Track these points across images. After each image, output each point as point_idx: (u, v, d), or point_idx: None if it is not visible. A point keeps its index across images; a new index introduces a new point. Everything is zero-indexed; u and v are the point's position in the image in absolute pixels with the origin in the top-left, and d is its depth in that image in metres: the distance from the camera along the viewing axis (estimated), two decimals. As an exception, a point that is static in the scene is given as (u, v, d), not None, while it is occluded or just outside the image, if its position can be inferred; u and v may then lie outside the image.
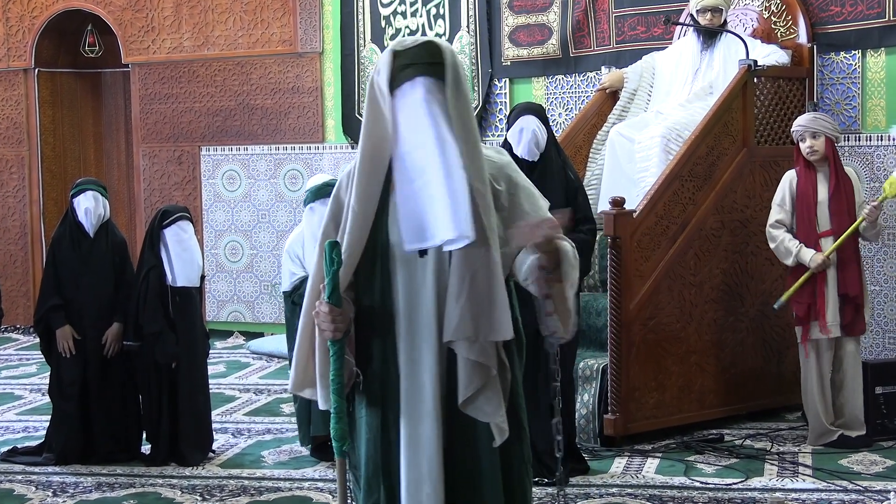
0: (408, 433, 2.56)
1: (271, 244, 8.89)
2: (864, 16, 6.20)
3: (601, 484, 4.88)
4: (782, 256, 5.37)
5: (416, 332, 2.56)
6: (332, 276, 2.51)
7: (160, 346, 5.25)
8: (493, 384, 2.53)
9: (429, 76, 2.49)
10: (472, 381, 2.52)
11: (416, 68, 2.49)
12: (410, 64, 2.50)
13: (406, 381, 2.57)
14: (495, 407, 2.53)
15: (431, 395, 2.54)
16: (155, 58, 9.08)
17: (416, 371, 2.56)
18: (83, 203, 5.40)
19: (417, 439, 2.55)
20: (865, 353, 6.19)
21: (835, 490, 4.73)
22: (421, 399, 2.56)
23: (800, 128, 5.37)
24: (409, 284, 2.57)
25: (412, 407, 2.56)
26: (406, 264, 2.57)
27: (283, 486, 4.98)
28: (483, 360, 2.51)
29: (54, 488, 5.01)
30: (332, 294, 2.52)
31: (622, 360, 5.43)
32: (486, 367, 2.52)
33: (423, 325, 2.55)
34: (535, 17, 7.66)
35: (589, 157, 6.58)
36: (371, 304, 2.60)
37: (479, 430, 2.56)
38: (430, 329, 2.54)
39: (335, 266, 2.51)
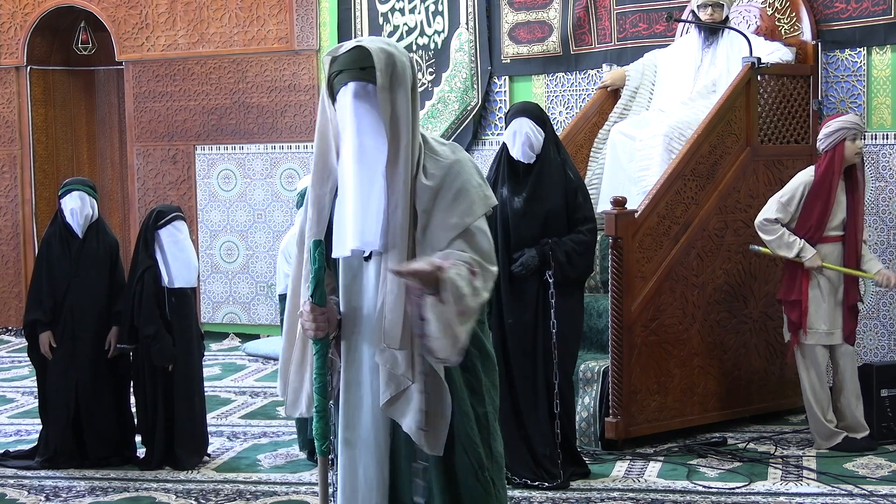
0: (344, 437, 2.60)
1: (267, 245, 8.83)
2: (870, 12, 6.15)
3: (602, 488, 4.82)
4: (780, 249, 5.30)
5: (357, 336, 2.59)
6: (315, 274, 2.53)
7: (156, 349, 5.19)
8: (410, 394, 2.53)
9: (359, 80, 2.51)
10: (387, 387, 2.54)
11: (347, 74, 2.52)
12: (342, 70, 2.53)
13: (345, 385, 2.60)
14: (412, 416, 2.53)
15: (370, 399, 2.57)
16: (149, 55, 9.01)
17: (355, 374, 2.60)
18: (69, 203, 5.37)
19: (354, 443, 2.59)
20: (870, 356, 6.15)
21: (840, 494, 4.69)
22: (359, 403, 2.59)
23: (857, 126, 5.27)
24: (351, 288, 2.60)
25: (349, 410, 2.60)
26: (348, 270, 2.60)
27: (280, 490, 4.93)
28: (390, 367, 2.53)
29: (47, 492, 4.95)
30: (315, 292, 2.53)
31: (624, 363, 5.38)
32: (398, 376, 2.53)
33: (362, 329, 2.58)
34: (536, 14, 7.60)
35: (590, 156, 6.55)
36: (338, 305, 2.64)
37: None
38: (370, 333, 2.57)
39: (317, 265, 2.52)
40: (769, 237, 5.32)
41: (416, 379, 2.52)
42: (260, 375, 7.65)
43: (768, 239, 5.33)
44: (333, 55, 2.56)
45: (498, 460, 2.67)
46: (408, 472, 2.58)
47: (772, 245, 5.33)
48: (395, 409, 2.54)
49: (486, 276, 2.53)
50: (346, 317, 2.60)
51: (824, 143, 5.29)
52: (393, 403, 2.54)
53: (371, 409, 2.57)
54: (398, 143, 2.50)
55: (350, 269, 2.60)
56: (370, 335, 2.56)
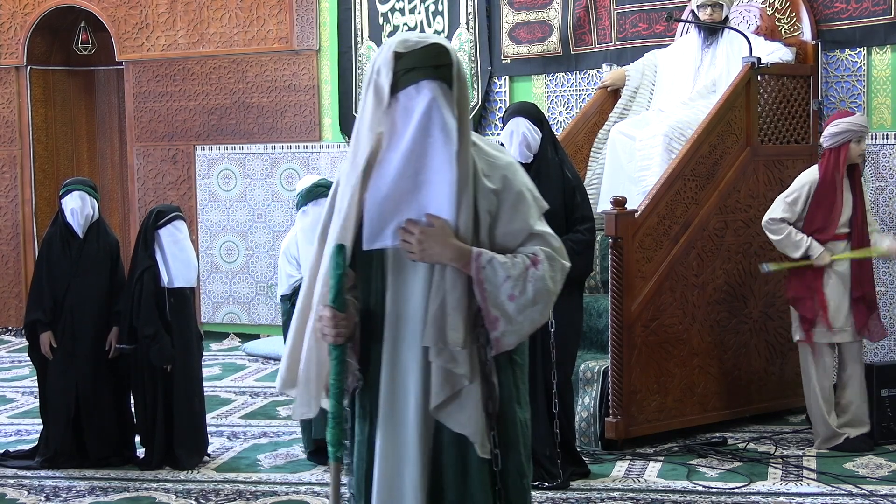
0: (387, 439, 2.52)
1: (267, 245, 8.82)
2: (870, 12, 6.15)
3: (602, 488, 4.82)
4: (787, 248, 5.28)
5: (402, 337, 2.52)
6: (338, 280, 2.47)
7: (156, 349, 5.19)
8: (468, 394, 2.48)
9: (434, 80, 2.42)
10: (442, 388, 2.47)
11: (422, 72, 2.42)
12: (415, 67, 2.43)
13: (387, 386, 2.53)
14: (468, 417, 2.48)
15: (415, 401, 2.50)
16: (149, 55, 9.01)
17: (400, 376, 2.52)
18: (69, 203, 5.36)
19: (398, 445, 2.51)
20: (870, 356, 6.15)
21: (840, 494, 4.68)
22: (404, 405, 2.51)
23: (863, 129, 5.27)
24: (399, 287, 2.53)
25: (392, 413, 2.52)
26: (398, 267, 2.53)
27: (280, 490, 4.92)
28: (451, 366, 2.46)
29: (47, 492, 4.95)
30: (337, 298, 2.47)
31: (624, 363, 5.38)
32: (455, 375, 2.47)
33: (409, 329, 2.51)
34: (536, 14, 7.60)
35: (590, 156, 6.54)
36: (367, 306, 2.57)
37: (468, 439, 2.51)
38: (416, 333, 2.50)
39: (340, 270, 2.46)
40: (777, 237, 5.30)
41: (473, 379, 2.47)
42: (260, 375, 7.65)
43: (776, 238, 5.30)
44: (399, 50, 2.45)
45: (531, 467, 2.65)
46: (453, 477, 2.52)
47: (780, 244, 5.30)
48: (447, 411, 2.48)
49: (553, 266, 2.49)
50: (391, 317, 2.52)
51: (829, 142, 5.28)
52: (445, 406, 2.48)
53: (417, 411, 2.49)
54: (463, 143, 2.44)
55: (398, 269, 2.52)
56: (417, 335, 2.49)
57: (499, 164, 2.54)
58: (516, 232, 2.51)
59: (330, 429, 2.53)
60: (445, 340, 2.44)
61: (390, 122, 2.45)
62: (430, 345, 2.46)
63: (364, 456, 2.60)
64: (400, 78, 2.43)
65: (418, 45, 2.44)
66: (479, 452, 2.50)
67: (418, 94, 2.42)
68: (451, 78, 2.44)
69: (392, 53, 2.44)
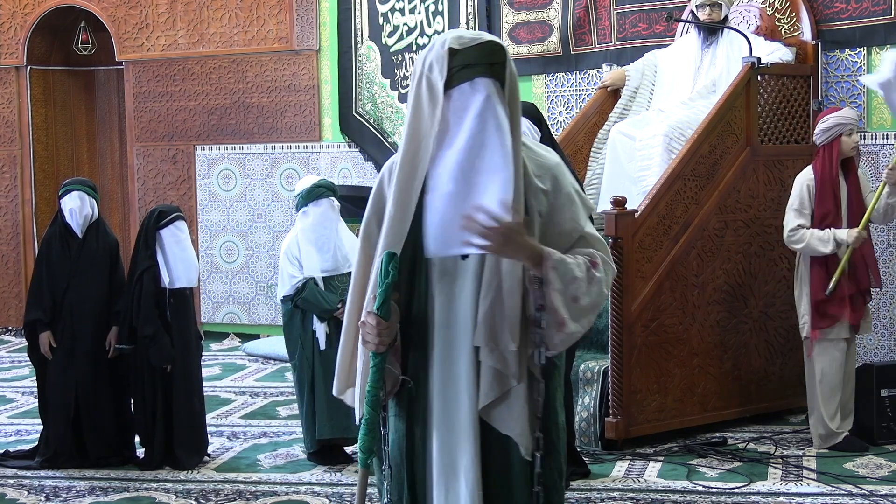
0: (443, 444, 2.51)
1: (267, 245, 8.82)
2: (870, 12, 6.14)
3: (602, 488, 4.82)
4: (818, 247, 5.21)
5: (453, 339, 2.50)
6: (386, 288, 2.43)
7: (155, 349, 5.19)
8: (515, 395, 2.46)
9: (489, 77, 2.39)
10: (491, 389, 2.45)
11: (477, 69, 2.39)
12: (470, 64, 2.39)
13: (440, 390, 2.51)
14: (516, 419, 2.46)
15: (468, 404, 2.48)
16: (149, 55, 9.01)
17: (452, 380, 2.50)
18: (68, 203, 5.37)
19: (453, 449, 2.50)
20: (870, 356, 6.14)
21: (840, 494, 4.68)
22: (457, 408, 2.50)
23: (851, 122, 5.29)
24: (447, 291, 2.50)
25: (447, 417, 2.50)
26: (445, 271, 2.50)
27: (280, 491, 4.92)
28: (501, 367, 2.44)
29: (47, 492, 4.94)
30: (382, 306, 2.43)
31: (624, 363, 5.37)
32: (504, 376, 2.45)
33: (460, 331, 2.49)
34: (536, 14, 7.59)
35: (590, 156, 6.54)
36: (409, 309, 2.54)
37: (512, 440, 2.50)
38: (467, 335, 2.48)
39: (389, 279, 2.42)
40: (801, 244, 5.26)
41: (521, 381, 2.45)
42: (260, 375, 7.64)
43: (800, 246, 5.26)
44: (455, 46, 2.39)
45: (566, 470, 2.64)
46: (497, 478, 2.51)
47: (808, 249, 5.24)
48: (495, 412, 2.47)
49: (606, 269, 2.48)
50: (441, 321, 2.49)
51: (821, 138, 5.31)
52: (493, 407, 2.46)
53: (469, 413, 2.48)
54: (517, 142, 2.41)
55: (446, 272, 2.49)
56: (468, 338, 2.46)
57: (548, 164, 2.52)
58: (568, 233, 2.49)
59: (362, 435, 2.51)
60: (497, 341, 2.42)
61: (442, 120, 2.41)
62: (481, 345, 2.44)
63: (396, 455, 2.57)
64: (454, 74, 2.39)
65: (474, 42, 2.41)
66: (524, 454, 2.49)
67: (473, 92, 2.38)
68: (504, 76, 2.41)
69: (447, 50, 2.40)
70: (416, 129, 2.44)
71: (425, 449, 2.54)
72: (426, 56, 2.44)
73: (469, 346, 2.47)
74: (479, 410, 2.47)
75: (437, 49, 2.42)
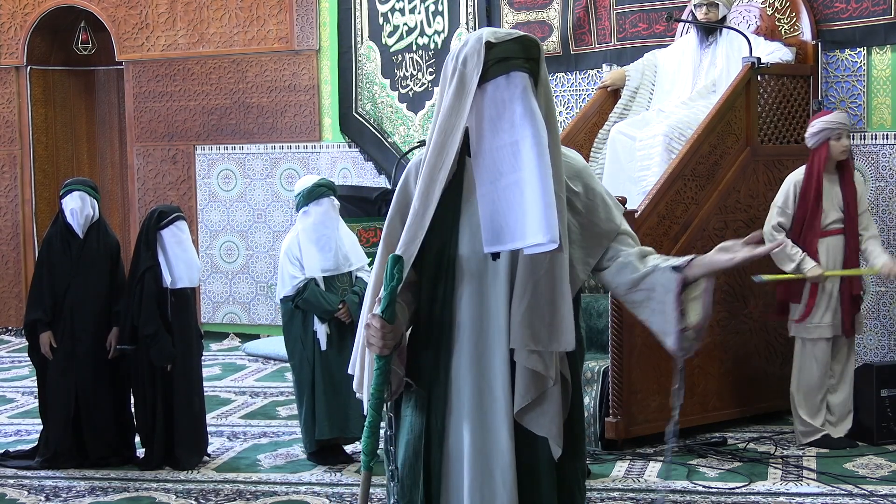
0: (476, 442, 2.48)
1: (267, 245, 8.82)
2: (870, 12, 6.14)
3: (602, 488, 4.82)
4: (782, 261, 5.34)
5: (485, 341, 2.47)
6: (391, 291, 2.41)
7: (156, 348, 5.19)
8: (550, 396, 2.45)
9: (524, 72, 2.38)
10: (528, 391, 2.44)
11: (513, 63, 2.37)
12: (507, 58, 2.37)
13: (474, 390, 2.48)
14: (551, 420, 2.45)
15: (504, 403, 2.46)
16: (149, 55, 9.01)
17: (487, 379, 2.48)
18: (69, 204, 5.37)
19: (488, 448, 2.48)
20: (870, 356, 6.14)
21: (840, 494, 4.68)
22: (493, 407, 2.48)
23: (839, 126, 5.32)
24: (477, 293, 2.47)
25: (482, 415, 2.48)
26: (475, 273, 2.47)
27: (280, 491, 4.92)
28: (540, 369, 2.43)
29: (47, 492, 4.94)
30: (387, 309, 2.42)
31: (624, 363, 5.37)
32: (542, 378, 2.44)
33: (493, 332, 2.46)
34: (536, 14, 7.59)
35: (590, 155, 6.53)
36: (430, 312, 2.51)
37: (540, 441, 2.49)
38: (500, 336, 2.45)
39: (394, 282, 2.40)
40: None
41: (556, 382, 2.45)
42: (260, 375, 7.64)
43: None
44: (491, 40, 2.38)
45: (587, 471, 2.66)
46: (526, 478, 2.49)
47: (775, 256, 5.33)
48: (531, 415, 2.45)
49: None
50: (473, 323, 2.47)
51: (810, 142, 5.39)
52: (529, 410, 2.45)
53: (506, 414, 2.46)
54: (555, 138, 2.39)
55: (475, 273, 2.46)
56: (502, 339, 2.44)
57: (577, 167, 2.53)
58: (606, 233, 2.50)
59: (365, 437, 2.50)
60: (538, 341, 2.40)
61: (476, 115, 2.39)
62: (517, 347, 2.42)
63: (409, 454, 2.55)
64: (490, 68, 2.38)
65: (511, 36, 2.41)
66: (555, 455, 2.48)
67: (509, 85, 2.37)
68: (538, 71, 2.40)
69: (484, 43, 2.39)
70: (447, 122, 2.41)
71: (442, 448, 2.52)
72: (459, 52, 2.42)
73: (503, 348, 2.45)
74: (514, 414, 2.45)
75: (472, 43, 2.40)
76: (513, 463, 2.46)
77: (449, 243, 2.48)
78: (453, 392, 2.50)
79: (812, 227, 5.31)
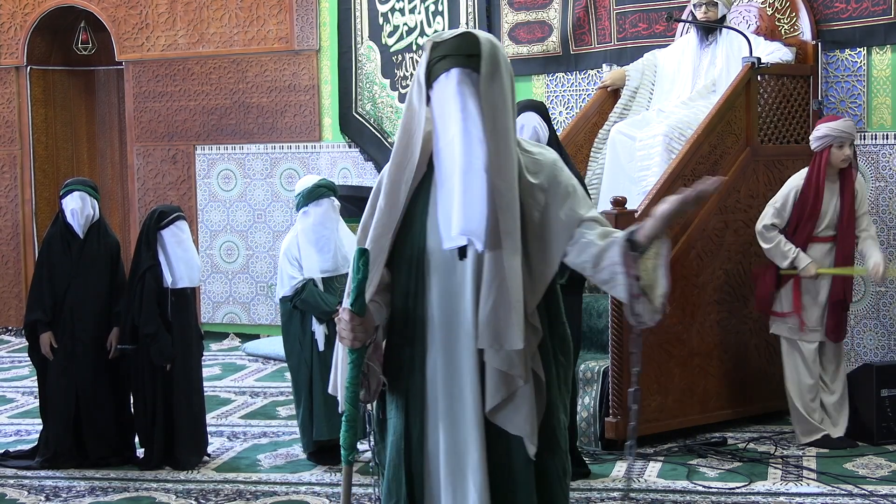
0: (449, 443, 2.51)
1: (267, 245, 8.82)
2: (870, 12, 6.14)
3: (602, 488, 4.82)
4: (776, 257, 5.38)
5: (454, 339, 2.49)
6: (357, 284, 2.45)
7: (156, 348, 5.19)
8: (522, 394, 2.46)
9: (463, 67, 2.41)
10: (498, 390, 2.46)
11: (451, 60, 2.42)
12: (446, 55, 2.43)
13: (444, 390, 2.51)
14: (524, 418, 2.47)
15: (472, 402, 2.48)
16: (149, 55, 9.01)
17: (456, 378, 2.50)
18: (70, 204, 5.36)
19: (460, 449, 2.50)
20: (870, 356, 6.14)
21: (840, 494, 4.68)
22: (462, 406, 2.50)
23: (843, 134, 5.32)
24: (446, 290, 2.50)
25: (453, 414, 2.50)
26: (444, 269, 2.50)
27: (280, 491, 4.92)
28: (506, 368, 2.44)
29: (47, 492, 4.94)
30: (356, 302, 2.45)
31: (624, 363, 5.37)
32: (511, 377, 2.45)
33: (461, 331, 2.48)
34: (535, 14, 7.59)
35: (590, 155, 6.53)
36: (404, 308, 2.54)
37: (514, 440, 2.50)
38: (468, 335, 2.47)
39: (360, 275, 2.44)
40: (767, 245, 5.40)
41: (527, 380, 2.46)
42: (260, 375, 7.64)
43: (766, 247, 5.42)
44: (436, 41, 2.46)
45: (570, 468, 2.63)
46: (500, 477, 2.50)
47: (769, 253, 5.40)
48: (503, 413, 2.47)
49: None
50: (441, 319, 2.50)
51: (813, 145, 5.40)
52: (501, 408, 2.47)
53: (475, 412, 2.48)
54: (499, 136, 2.41)
55: (444, 270, 2.49)
56: (470, 337, 2.46)
57: (544, 161, 2.53)
58: (567, 224, 2.49)
59: (343, 432, 2.52)
60: (503, 341, 2.41)
61: (433, 114, 2.45)
62: (485, 347, 2.44)
63: (393, 455, 2.57)
64: (433, 68, 2.44)
65: (452, 35, 2.45)
66: (531, 454, 2.49)
67: (448, 82, 2.41)
68: (479, 67, 2.41)
69: (430, 44, 2.45)
70: (406, 123, 2.49)
71: (423, 448, 2.54)
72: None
73: (472, 347, 2.47)
74: (486, 412, 2.46)
75: (424, 46, 2.48)
76: (482, 462, 2.47)
77: (419, 239, 2.51)
78: (429, 390, 2.53)
79: (804, 231, 5.34)
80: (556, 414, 2.55)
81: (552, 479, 2.55)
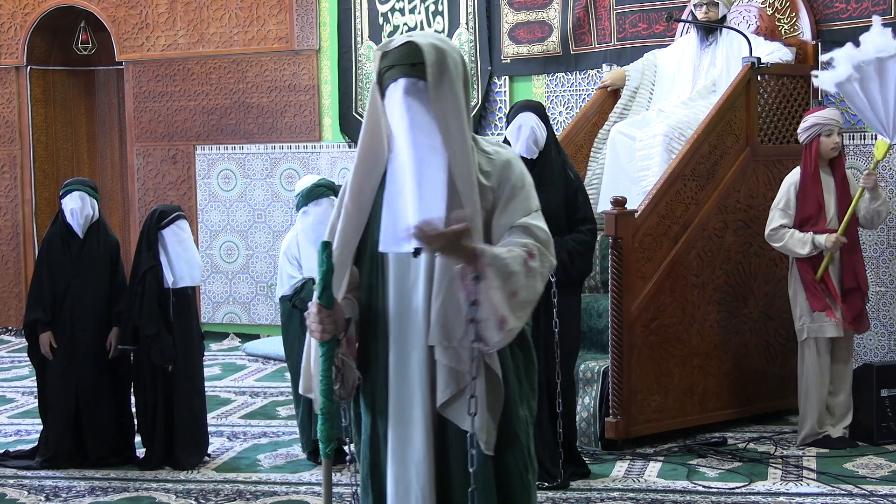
0: (396, 437, 2.55)
1: (267, 245, 8.82)
2: (869, 12, 6.12)
3: (602, 488, 4.81)
4: (797, 248, 5.29)
5: (406, 335, 2.54)
6: (322, 276, 2.50)
7: (157, 349, 5.19)
8: (472, 390, 2.48)
9: (409, 77, 2.46)
10: (447, 386, 2.49)
11: (398, 70, 2.47)
12: (393, 65, 2.48)
13: (395, 384, 2.55)
14: (476, 412, 2.49)
15: (421, 399, 2.52)
16: (149, 55, 9.01)
17: (405, 374, 2.54)
18: (69, 204, 5.36)
19: (405, 443, 2.54)
20: (870, 356, 6.14)
21: (840, 494, 4.68)
22: (410, 403, 2.53)
23: (830, 122, 5.33)
24: (400, 287, 2.55)
25: (400, 411, 2.55)
26: (399, 266, 2.54)
27: (280, 490, 4.92)
28: (454, 364, 2.48)
29: (47, 493, 4.94)
30: (322, 294, 2.50)
31: (624, 363, 5.37)
32: (461, 373, 2.48)
33: (413, 327, 2.53)
34: (535, 14, 7.60)
35: (590, 156, 6.54)
36: (368, 303, 2.59)
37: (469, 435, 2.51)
38: (419, 332, 2.51)
39: (324, 267, 2.49)
40: (780, 243, 5.35)
41: (477, 376, 2.47)
42: (260, 375, 7.64)
43: (780, 245, 5.35)
44: (384, 50, 2.50)
45: (535, 464, 2.65)
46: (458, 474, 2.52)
47: (786, 248, 5.33)
48: (454, 408, 2.49)
49: (543, 260, 2.48)
50: (395, 315, 2.54)
51: (802, 137, 5.41)
52: (451, 404, 2.49)
53: (423, 408, 2.51)
54: (453, 141, 2.44)
55: (400, 268, 2.53)
56: (421, 334, 2.50)
57: (497, 161, 2.55)
58: (502, 227, 2.52)
59: (320, 425, 2.55)
60: (451, 338, 2.45)
61: (385, 121, 2.51)
62: (435, 344, 2.47)
63: (367, 453, 2.62)
64: (384, 77, 2.50)
65: (398, 43, 2.49)
66: (485, 449, 2.51)
67: (395, 92, 2.47)
68: (425, 75, 2.45)
69: (379, 53, 2.51)
70: (367, 129, 2.54)
71: (387, 443, 2.57)
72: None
73: (422, 342, 2.51)
74: (437, 408, 2.50)
75: (375, 55, 2.53)
76: (427, 458, 2.51)
77: (372, 238, 2.56)
78: (391, 386, 2.56)
79: (817, 225, 5.29)
80: (515, 409, 2.57)
81: (512, 475, 2.57)
